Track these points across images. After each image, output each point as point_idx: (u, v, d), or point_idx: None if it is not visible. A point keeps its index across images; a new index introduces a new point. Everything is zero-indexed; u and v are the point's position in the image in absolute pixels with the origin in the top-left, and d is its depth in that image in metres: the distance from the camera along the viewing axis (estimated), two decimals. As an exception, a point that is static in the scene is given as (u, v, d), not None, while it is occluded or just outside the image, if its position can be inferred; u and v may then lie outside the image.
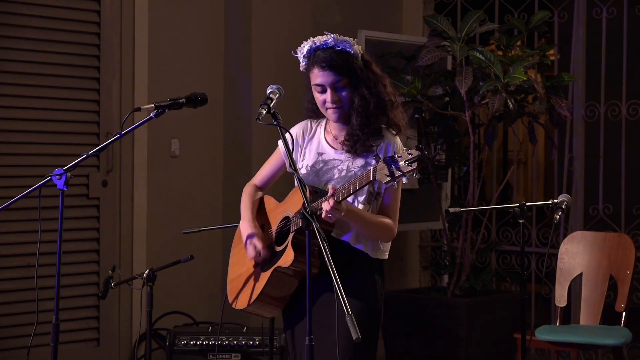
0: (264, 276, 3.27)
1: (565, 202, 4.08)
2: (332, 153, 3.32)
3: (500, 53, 5.87)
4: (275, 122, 3.09)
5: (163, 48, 5.85)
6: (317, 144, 3.37)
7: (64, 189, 3.06)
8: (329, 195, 3.02)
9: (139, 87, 5.73)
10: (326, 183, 3.26)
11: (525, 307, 4.12)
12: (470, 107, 5.65)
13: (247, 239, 3.35)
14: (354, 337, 2.63)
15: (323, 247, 2.75)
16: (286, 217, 3.31)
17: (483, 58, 5.43)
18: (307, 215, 2.81)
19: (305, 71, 3.33)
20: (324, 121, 3.40)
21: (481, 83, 5.47)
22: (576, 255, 5.08)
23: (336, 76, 3.23)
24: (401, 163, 2.81)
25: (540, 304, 4.35)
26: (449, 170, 6.50)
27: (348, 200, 3.16)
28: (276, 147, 3.48)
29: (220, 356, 5.09)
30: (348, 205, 3.11)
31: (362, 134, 3.24)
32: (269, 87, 3.18)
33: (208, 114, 5.95)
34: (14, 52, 5.32)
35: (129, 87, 5.70)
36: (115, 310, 5.68)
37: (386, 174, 2.84)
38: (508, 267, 6.52)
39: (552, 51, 6.74)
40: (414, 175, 2.82)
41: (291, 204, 3.30)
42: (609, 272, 4.98)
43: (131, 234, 5.74)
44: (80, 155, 3.17)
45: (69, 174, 3.06)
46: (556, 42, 6.62)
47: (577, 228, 6.17)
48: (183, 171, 5.97)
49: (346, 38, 3.28)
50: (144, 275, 3.97)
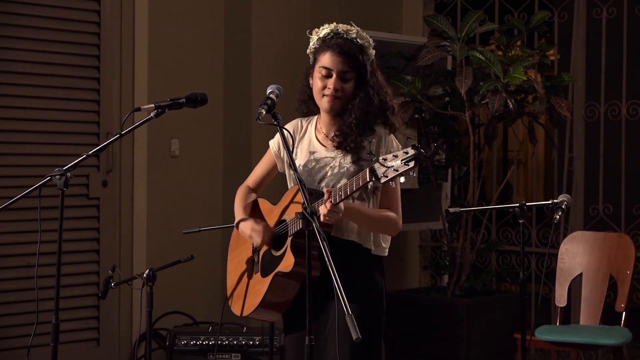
0: (265, 282, 3.23)
1: (565, 202, 4.07)
2: (324, 151, 3.29)
3: (500, 53, 5.87)
4: (275, 122, 3.07)
5: (163, 48, 5.85)
6: (308, 143, 3.33)
7: (64, 189, 3.06)
8: (325, 198, 2.99)
9: (139, 87, 5.73)
10: (319, 182, 3.23)
11: (525, 307, 4.11)
12: (470, 107, 5.65)
13: (250, 232, 3.31)
14: (354, 337, 2.59)
15: (323, 247, 2.71)
16: (282, 221, 3.27)
17: (483, 58, 5.43)
18: (307, 215, 2.78)
19: (313, 52, 3.30)
20: (315, 119, 3.37)
21: (481, 83, 5.47)
22: (576, 255, 5.08)
23: (346, 66, 3.22)
24: (397, 162, 2.77)
25: (540, 304, 4.35)
26: (449, 170, 6.50)
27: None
28: (268, 148, 3.46)
29: (220, 356, 5.08)
30: (346, 203, 3.08)
31: (354, 132, 3.20)
32: (269, 87, 3.16)
33: (208, 114, 5.95)
34: (14, 52, 5.32)
35: (129, 87, 5.70)
36: (115, 310, 5.68)
37: (383, 174, 2.81)
38: (508, 267, 6.52)
39: (552, 51, 6.74)
40: (411, 173, 2.79)
41: (287, 207, 3.26)
42: (609, 272, 4.97)
43: (131, 234, 5.74)
44: (80, 155, 3.17)
45: (69, 174, 3.06)
46: (556, 42, 6.62)
47: (577, 228, 6.17)
48: (183, 171, 5.96)
49: (367, 36, 3.29)
50: (144, 275, 3.96)
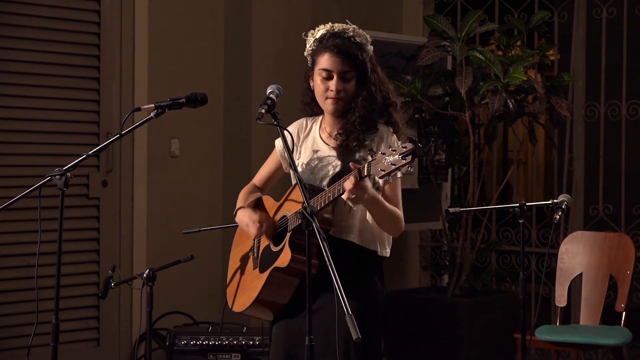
0: (262, 277, 3.20)
1: (565, 202, 4.07)
2: (327, 149, 3.26)
3: (500, 53, 5.87)
4: (275, 122, 3.06)
5: (163, 48, 5.85)
6: (312, 142, 3.31)
7: (64, 189, 3.06)
8: (352, 172, 2.88)
9: (139, 87, 5.73)
10: (322, 180, 3.20)
11: (525, 307, 4.11)
12: (470, 107, 5.65)
13: (247, 220, 3.27)
14: (354, 337, 2.58)
15: (323, 247, 2.69)
16: (284, 216, 3.25)
17: (483, 58, 5.43)
18: (307, 215, 2.77)
19: (310, 55, 3.26)
20: (320, 118, 3.34)
21: (481, 83, 5.47)
22: (576, 255, 5.08)
23: (346, 66, 3.17)
24: (395, 157, 2.73)
25: (540, 304, 4.34)
26: (449, 170, 6.50)
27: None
28: (274, 148, 3.44)
29: (220, 356, 5.08)
30: (371, 189, 2.98)
31: (357, 129, 3.17)
32: (269, 87, 3.14)
33: (208, 114, 5.95)
34: (14, 52, 5.32)
35: (129, 87, 5.70)
36: (115, 310, 5.68)
37: (381, 169, 2.76)
38: (508, 267, 6.52)
39: (552, 51, 6.74)
40: (409, 169, 2.74)
41: (289, 203, 3.24)
42: (609, 272, 4.97)
43: (131, 234, 5.74)
44: (80, 155, 3.16)
45: (69, 174, 3.05)
46: (556, 42, 6.62)
47: (577, 228, 6.17)
48: (183, 171, 5.96)
49: (365, 33, 3.24)
50: (144, 275, 3.96)
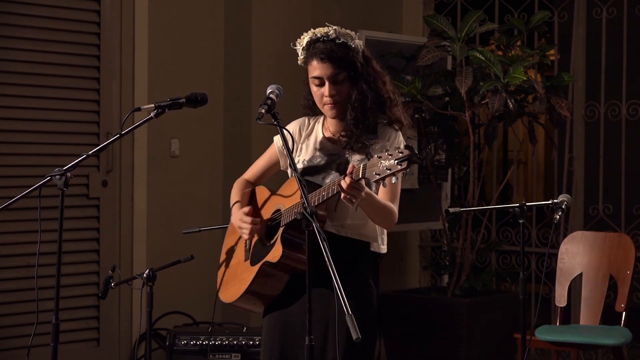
0: (252, 270, 3.19)
1: (565, 202, 4.07)
2: (330, 148, 3.25)
3: (500, 53, 5.87)
4: (275, 122, 3.06)
5: (163, 48, 5.85)
6: (315, 140, 3.30)
7: (64, 189, 3.06)
8: (349, 171, 2.88)
9: (139, 87, 5.73)
10: (324, 178, 3.19)
11: (525, 307, 4.11)
12: (470, 107, 5.65)
13: (239, 223, 3.25)
14: (354, 337, 2.57)
15: (323, 247, 2.69)
16: (277, 210, 3.22)
17: (483, 58, 5.42)
18: (307, 215, 2.77)
19: (303, 64, 3.25)
20: (322, 117, 3.33)
21: (481, 83, 5.47)
22: (576, 255, 5.08)
23: (335, 69, 3.15)
24: (391, 161, 2.73)
25: (540, 304, 4.34)
26: (449, 170, 6.50)
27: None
28: (272, 143, 3.41)
29: (220, 356, 5.08)
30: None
31: (357, 130, 3.16)
32: (269, 87, 3.14)
33: (208, 114, 5.95)
34: (14, 52, 5.32)
35: (129, 87, 5.70)
36: (115, 310, 5.68)
37: (376, 173, 2.76)
38: (508, 267, 6.52)
39: (552, 51, 6.74)
40: (404, 175, 2.75)
41: (284, 198, 3.21)
42: (609, 272, 4.97)
43: (131, 234, 5.74)
44: (80, 155, 3.16)
45: (69, 174, 3.05)
46: (556, 42, 6.62)
47: (577, 228, 6.17)
48: (183, 171, 5.96)
49: (348, 31, 3.21)
50: (144, 275, 3.95)
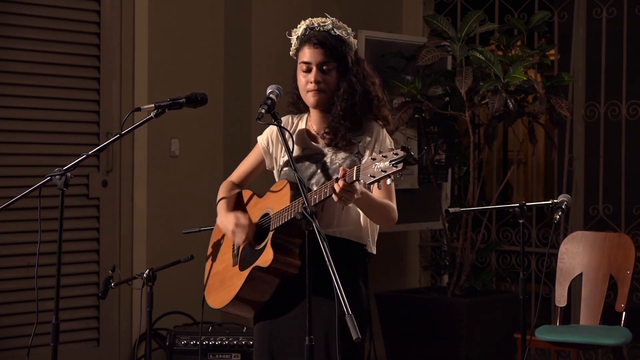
0: (242, 276, 3.15)
1: (565, 202, 4.07)
2: (314, 147, 3.22)
3: (500, 53, 5.87)
4: (275, 122, 3.06)
5: (163, 48, 5.85)
6: (299, 139, 3.26)
7: (64, 189, 3.06)
8: (340, 175, 2.86)
9: (139, 87, 5.73)
10: (310, 178, 3.17)
11: (525, 307, 4.11)
12: (470, 107, 5.65)
13: (233, 227, 3.21)
14: (354, 337, 2.58)
15: (323, 247, 2.68)
16: (266, 214, 3.20)
17: (483, 58, 5.43)
18: (307, 215, 2.77)
19: (295, 53, 3.23)
20: (306, 116, 3.29)
21: (481, 83, 5.47)
22: (576, 255, 5.08)
23: (325, 57, 3.14)
24: (385, 163, 2.70)
25: (540, 304, 4.34)
26: (449, 170, 6.49)
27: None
28: (256, 144, 3.38)
29: (220, 356, 5.08)
30: (360, 186, 2.94)
31: (342, 125, 3.13)
32: (269, 87, 3.14)
33: (208, 114, 5.94)
34: (14, 52, 5.32)
35: (129, 87, 5.70)
36: (115, 310, 5.68)
37: (370, 175, 2.73)
38: (508, 267, 6.52)
39: (552, 51, 6.74)
40: (399, 176, 2.72)
41: (272, 201, 3.19)
42: (609, 272, 4.97)
43: (131, 234, 5.74)
44: (80, 155, 3.16)
45: (69, 174, 3.05)
46: (556, 42, 6.62)
47: (577, 228, 6.17)
48: (183, 171, 5.96)
49: (345, 26, 3.21)
50: (144, 275, 3.95)
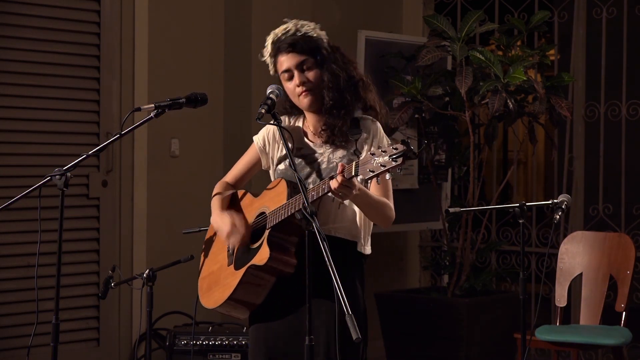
0: (237, 275, 3.12)
1: (565, 202, 4.07)
2: (311, 146, 3.21)
3: (500, 53, 5.87)
4: (275, 122, 3.06)
5: (163, 48, 5.85)
6: (295, 138, 3.23)
7: (64, 189, 3.06)
8: (338, 171, 2.85)
9: (139, 87, 5.73)
10: (307, 177, 3.16)
11: (525, 307, 4.11)
12: (470, 107, 5.65)
13: (229, 228, 3.19)
14: (354, 337, 2.57)
15: (323, 247, 2.67)
16: (262, 213, 3.18)
17: (483, 58, 5.43)
18: (307, 215, 2.76)
19: (273, 68, 3.21)
20: (302, 117, 3.28)
21: (481, 83, 5.47)
22: (576, 255, 5.08)
23: (300, 56, 3.14)
24: (385, 158, 2.68)
25: (540, 304, 4.34)
26: (449, 170, 6.49)
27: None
28: (252, 143, 3.37)
29: (220, 356, 5.08)
30: (357, 183, 2.92)
31: (337, 118, 3.12)
32: (269, 87, 3.13)
33: (208, 114, 5.94)
34: (14, 52, 5.32)
35: (129, 87, 5.70)
36: (115, 310, 5.68)
37: (369, 170, 2.72)
38: (508, 267, 6.52)
39: (552, 51, 6.74)
40: (398, 171, 2.71)
41: (268, 199, 3.17)
42: (609, 272, 4.97)
43: (131, 234, 5.74)
44: (80, 155, 3.16)
45: (69, 174, 3.05)
46: (556, 42, 6.62)
47: (577, 228, 6.17)
48: (183, 171, 5.96)
49: (307, 22, 3.21)
50: (144, 275, 3.95)
